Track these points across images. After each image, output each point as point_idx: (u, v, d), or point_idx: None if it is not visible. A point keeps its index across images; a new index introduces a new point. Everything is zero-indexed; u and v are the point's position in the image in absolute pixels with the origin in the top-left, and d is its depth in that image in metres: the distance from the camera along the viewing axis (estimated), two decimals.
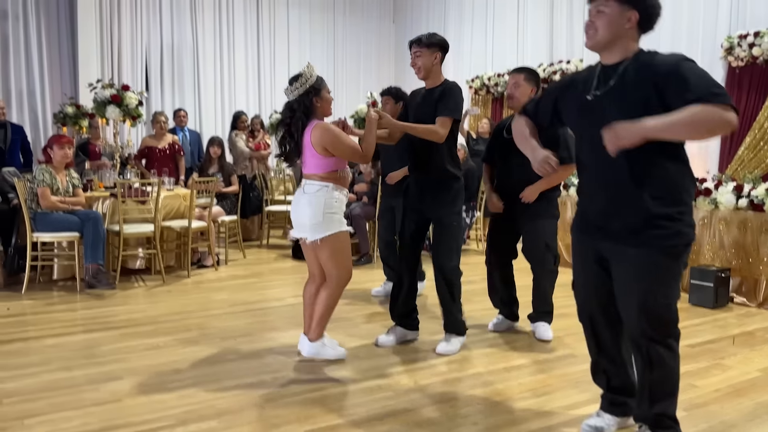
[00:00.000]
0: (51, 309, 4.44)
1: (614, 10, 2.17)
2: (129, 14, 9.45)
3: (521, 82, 3.75)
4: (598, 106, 2.24)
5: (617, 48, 2.22)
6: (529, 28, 9.41)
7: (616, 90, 2.21)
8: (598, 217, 2.32)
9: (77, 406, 2.77)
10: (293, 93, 3.18)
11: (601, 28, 2.20)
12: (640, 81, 2.15)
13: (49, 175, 5.01)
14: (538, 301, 3.96)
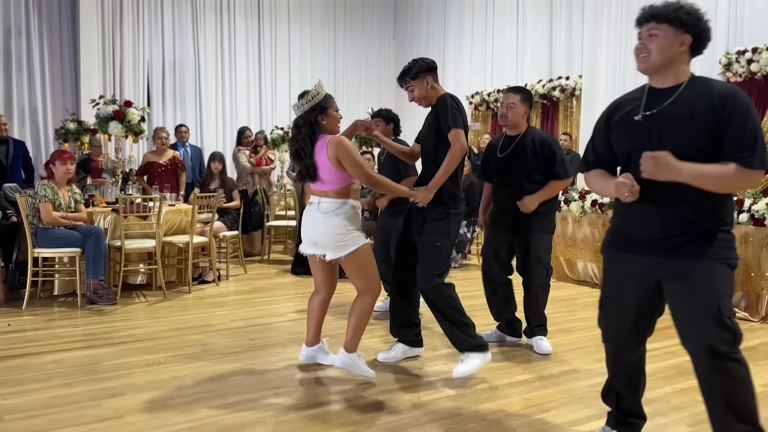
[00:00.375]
0: (52, 325, 4.43)
1: (668, 33, 2.17)
2: (131, 30, 9.53)
3: (517, 102, 3.78)
4: (648, 127, 2.22)
5: (670, 72, 2.21)
6: (528, 45, 9.48)
7: (670, 113, 2.18)
8: (653, 233, 2.23)
9: (79, 422, 2.75)
10: (299, 109, 3.20)
11: (654, 51, 2.19)
12: (697, 108, 2.13)
13: (51, 191, 5.02)
14: (532, 316, 3.98)
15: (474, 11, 10.42)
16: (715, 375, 2.15)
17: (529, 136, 3.83)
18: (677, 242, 2.18)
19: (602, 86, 7.76)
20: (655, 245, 2.22)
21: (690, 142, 2.12)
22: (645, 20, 2.23)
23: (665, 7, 2.19)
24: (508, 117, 3.82)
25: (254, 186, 7.88)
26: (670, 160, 2.07)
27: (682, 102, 2.17)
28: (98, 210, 5.51)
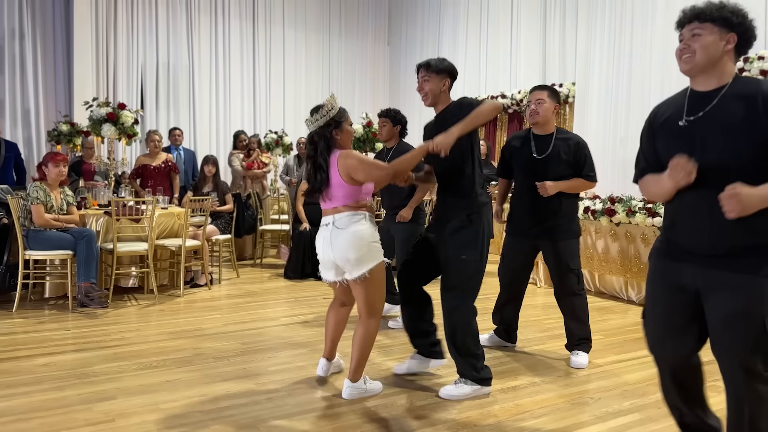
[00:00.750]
0: (42, 328, 4.40)
1: (712, 31, 2.08)
2: (125, 33, 9.50)
3: (545, 98, 3.67)
4: (692, 133, 2.12)
5: (714, 72, 2.11)
6: (522, 52, 9.53)
7: (714, 116, 2.08)
8: (696, 243, 2.14)
9: (69, 426, 2.74)
10: (314, 124, 3.09)
11: (698, 50, 2.09)
12: (743, 110, 2.03)
13: (43, 193, 4.99)
14: (573, 327, 3.83)
15: (468, 18, 10.47)
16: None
17: (564, 137, 3.74)
18: (718, 253, 2.09)
19: (595, 94, 7.80)
20: (700, 254, 2.13)
21: (736, 148, 2.02)
22: (687, 21, 2.14)
23: (708, 6, 2.11)
24: (539, 113, 3.68)
25: (247, 190, 7.86)
26: (747, 192, 1.93)
27: (726, 105, 2.07)
28: (90, 212, 5.48)
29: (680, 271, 2.19)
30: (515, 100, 9.46)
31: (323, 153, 3.06)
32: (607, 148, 7.44)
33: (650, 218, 5.46)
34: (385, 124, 4.62)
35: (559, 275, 3.77)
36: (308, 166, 3.14)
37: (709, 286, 2.11)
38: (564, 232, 3.72)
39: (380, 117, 4.74)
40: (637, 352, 4.07)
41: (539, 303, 5.68)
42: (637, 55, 7.39)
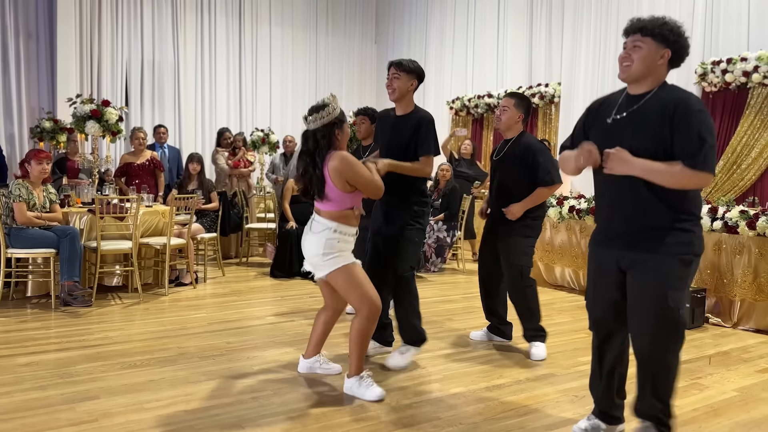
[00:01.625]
0: (24, 327, 4.35)
1: (650, 46, 2.36)
2: (109, 29, 9.41)
3: (510, 107, 3.88)
4: (616, 129, 2.44)
5: (646, 81, 2.41)
6: (509, 52, 9.57)
7: (634, 116, 2.40)
8: (618, 228, 2.48)
9: (52, 426, 2.71)
10: (317, 122, 3.03)
11: (636, 61, 2.38)
12: (656, 112, 2.34)
13: (26, 190, 4.94)
14: (522, 320, 4.02)
15: (455, 18, 10.49)
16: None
17: (519, 141, 3.90)
18: (634, 238, 2.43)
19: (581, 94, 7.85)
20: (618, 238, 2.49)
21: (645, 144, 2.33)
22: (631, 32, 2.41)
23: (651, 22, 2.38)
24: (501, 119, 3.93)
25: (233, 188, 7.82)
26: (623, 157, 2.31)
27: (645, 107, 2.39)
28: (74, 210, 5.43)
29: (609, 253, 2.53)
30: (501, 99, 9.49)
31: (322, 152, 3.03)
32: None
33: None
34: (363, 122, 4.70)
35: (504, 269, 3.98)
36: (303, 162, 3.09)
37: (629, 265, 2.46)
38: (515, 231, 3.90)
39: (358, 115, 4.83)
40: None
41: None
42: None
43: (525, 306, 3.97)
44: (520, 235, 3.92)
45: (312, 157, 3.05)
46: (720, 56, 6.52)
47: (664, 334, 2.40)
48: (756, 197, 5.89)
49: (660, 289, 2.36)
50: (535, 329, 3.98)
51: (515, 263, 3.90)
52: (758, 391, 3.39)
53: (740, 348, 4.28)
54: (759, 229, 4.68)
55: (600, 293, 2.59)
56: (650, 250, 2.38)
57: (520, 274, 3.92)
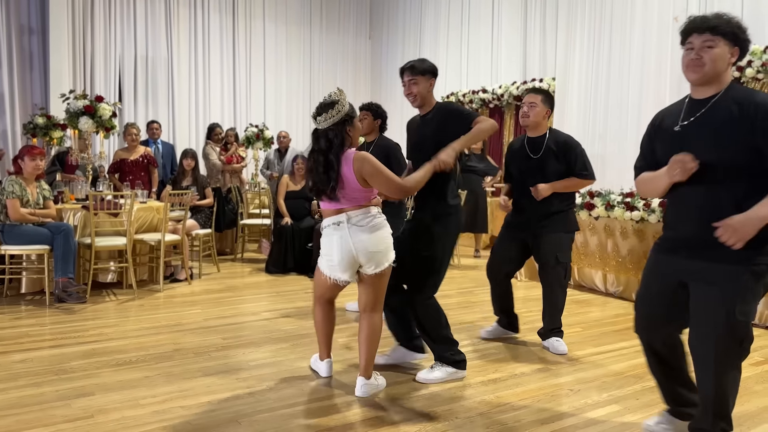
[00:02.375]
0: (19, 323, 4.33)
1: (723, 45, 2.24)
2: (102, 25, 9.36)
3: (538, 102, 3.76)
4: (683, 137, 2.31)
5: (714, 82, 2.28)
6: (503, 47, 9.57)
7: (702, 121, 2.27)
8: (685, 235, 2.37)
9: (47, 423, 2.70)
10: (328, 121, 2.94)
11: (709, 62, 2.24)
12: (736, 118, 2.20)
13: (19, 187, 4.91)
14: (547, 316, 4.00)
15: (450, 12, 10.48)
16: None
17: (552, 137, 3.88)
18: (707, 248, 2.27)
19: (575, 88, 7.86)
20: (689, 248, 2.35)
21: (720, 150, 2.20)
22: (700, 31, 2.27)
23: (721, 20, 2.27)
24: (530, 116, 3.82)
25: (227, 184, 7.80)
26: (741, 220, 2.14)
27: (717, 109, 2.25)
28: (68, 207, 5.40)
29: (671, 261, 2.42)
30: (496, 94, 9.49)
31: (337, 151, 2.93)
32: (586, 143, 7.48)
33: (629, 212, 5.53)
34: (365, 117, 4.58)
35: (545, 267, 3.93)
36: (317, 163, 2.96)
37: (692, 276, 2.34)
38: (555, 227, 3.87)
39: (361, 110, 4.72)
40: (615, 344, 4.12)
41: (520, 296, 5.71)
42: (616, 51, 7.45)
43: (559, 303, 3.97)
44: (567, 231, 3.92)
45: (325, 156, 2.94)
46: None
47: (728, 347, 2.27)
48: None
49: (728, 302, 2.22)
50: (558, 327, 4.00)
51: (562, 260, 3.88)
52: (752, 383, 3.41)
53: None
54: None
55: (655, 299, 2.51)
56: (719, 260, 2.24)
57: (565, 272, 3.92)
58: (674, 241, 2.41)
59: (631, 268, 5.57)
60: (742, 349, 2.30)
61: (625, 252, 5.61)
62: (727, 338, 2.25)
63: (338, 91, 3.03)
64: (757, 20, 6.36)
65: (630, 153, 7.11)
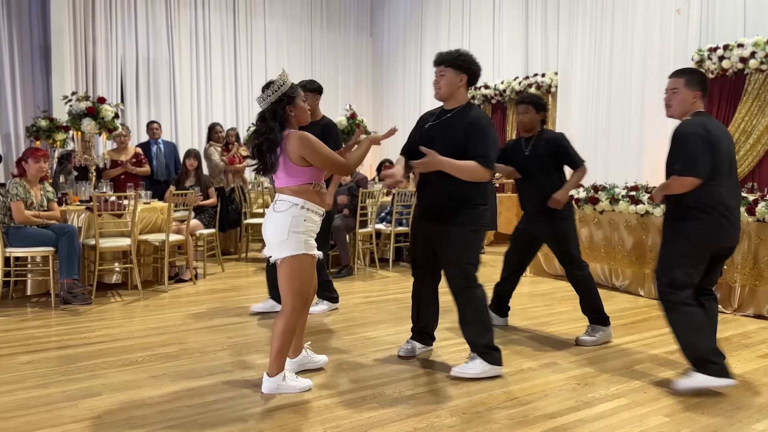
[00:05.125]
0: (25, 325, 4.34)
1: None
2: (104, 26, 9.37)
3: (681, 87, 3.27)
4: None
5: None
6: (505, 42, 9.55)
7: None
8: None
9: (55, 423, 2.70)
10: (265, 101, 2.99)
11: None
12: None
13: (23, 189, 4.92)
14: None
15: (451, 9, 10.45)
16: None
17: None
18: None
19: (578, 83, 7.84)
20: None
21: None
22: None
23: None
24: (672, 105, 3.55)
25: (229, 184, 7.80)
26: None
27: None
28: (72, 208, 5.41)
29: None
30: (498, 90, 9.47)
31: (276, 131, 2.95)
32: (589, 138, 7.49)
33: (633, 206, 5.51)
34: (527, 111, 4.20)
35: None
36: (258, 145, 2.99)
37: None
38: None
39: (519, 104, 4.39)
40: (621, 339, 4.11)
41: (525, 292, 5.71)
42: (618, 45, 7.43)
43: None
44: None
45: (265, 137, 2.96)
46: (717, 43, 6.50)
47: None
48: (755, 183, 5.88)
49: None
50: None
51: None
52: (760, 376, 3.40)
53: (741, 334, 4.28)
54: (758, 215, 4.68)
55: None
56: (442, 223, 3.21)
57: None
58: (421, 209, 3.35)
59: (636, 262, 5.55)
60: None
61: (630, 246, 5.59)
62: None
63: (282, 72, 3.07)
64: (759, 13, 6.33)
65: (633, 147, 7.11)
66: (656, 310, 4.97)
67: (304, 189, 3.01)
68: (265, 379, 3.09)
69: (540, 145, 4.06)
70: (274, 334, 3.03)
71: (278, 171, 3.02)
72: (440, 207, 3.33)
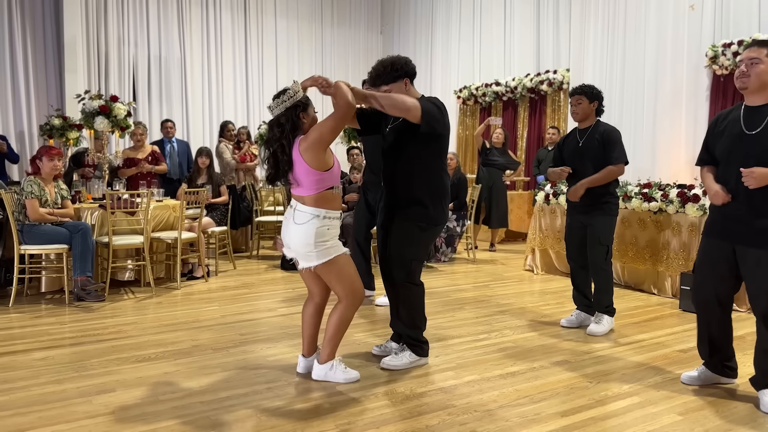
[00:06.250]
0: (39, 322, 4.39)
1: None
2: (116, 26, 9.44)
3: (763, 57, 2.92)
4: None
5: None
6: (516, 38, 9.51)
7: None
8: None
9: (69, 419, 2.73)
10: (279, 107, 3.01)
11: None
12: None
13: (38, 187, 4.96)
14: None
15: (461, 5, 10.42)
16: None
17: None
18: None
19: (590, 79, 7.79)
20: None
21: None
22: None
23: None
24: (750, 75, 3.77)
25: (241, 182, 7.83)
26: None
27: None
28: (85, 206, 5.45)
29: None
30: (509, 87, 9.44)
31: (288, 136, 2.98)
32: None
33: (646, 203, 5.47)
34: (580, 102, 4.17)
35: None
36: (270, 149, 3.03)
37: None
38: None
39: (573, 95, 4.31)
40: (635, 336, 4.09)
41: (536, 289, 5.69)
42: (630, 40, 7.37)
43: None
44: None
45: (279, 143, 2.99)
46: (731, 38, 6.44)
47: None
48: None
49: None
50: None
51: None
52: None
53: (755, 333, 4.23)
54: None
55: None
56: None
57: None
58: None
59: (648, 260, 5.52)
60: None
61: (644, 243, 5.55)
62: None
63: (293, 83, 3.06)
64: None
65: (645, 145, 7.06)
66: (669, 308, 4.94)
67: (325, 195, 3.03)
68: (315, 365, 3.22)
69: (594, 137, 4.09)
70: (330, 323, 3.16)
71: (297, 179, 3.03)
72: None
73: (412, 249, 3.35)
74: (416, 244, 3.35)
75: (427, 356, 3.51)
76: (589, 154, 4.08)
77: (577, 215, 4.21)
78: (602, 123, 4.16)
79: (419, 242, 3.36)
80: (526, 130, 9.44)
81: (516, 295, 5.43)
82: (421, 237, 3.35)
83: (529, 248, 6.65)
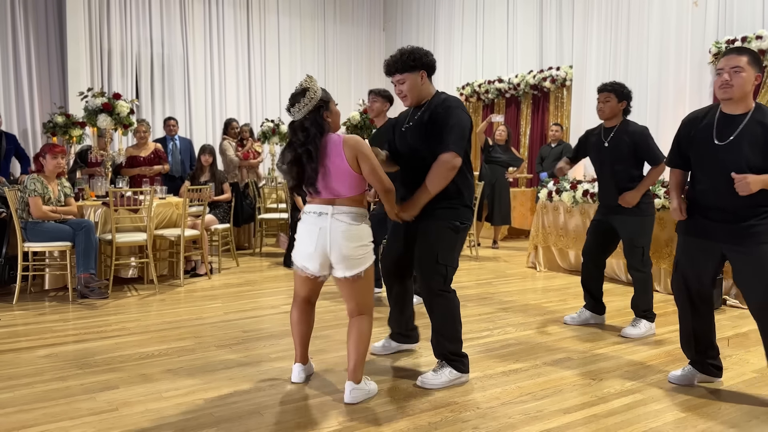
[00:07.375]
0: (43, 319, 4.40)
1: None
2: (118, 23, 9.44)
3: (744, 65, 2.84)
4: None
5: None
6: (519, 35, 9.49)
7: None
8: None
9: (73, 416, 2.74)
10: (302, 110, 2.79)
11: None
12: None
13: (41, 185, 4.97)
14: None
15: (464, 1, 10.40)
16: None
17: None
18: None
19: (593, 76, 7.78)
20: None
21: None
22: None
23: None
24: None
25: (244, 179, 7.84)
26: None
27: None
28: (88, 203, 5.46)
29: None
30: (512, 84, 9.43)
31: (315, 140, 2.78)
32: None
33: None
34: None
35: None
36: (295, 155, 2.82)
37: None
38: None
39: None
40: None
41: (539, 287, 5.69)
42: (634, 37, 7.36)
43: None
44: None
45: (305, 147, 2.78)
46: (735, 35, 6.42)
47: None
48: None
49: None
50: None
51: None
52: None
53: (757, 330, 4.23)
54: None
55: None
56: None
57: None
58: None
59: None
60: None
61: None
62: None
63: (308, 78, 2.85)
64: None
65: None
66: (671, 305, 4.94)
67: (361, 198, 2.89)
68: (350, 387, 2.90)
69: (622, 137, 3.98)
70: (360, 340, 2.89)
71: (334, 182, 2.82)
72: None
73: (446, 253, 3.10)
74: (451, 248, 3.12)
75: (468, 372, 3.21)
76: (615, 154, 3.98)
77: (610, 214, 4.09)
78: (631, 122, 4.05)
79: (454, 245, 3.14)
80: (528, 127, 9.42)
81: (518, 292, 5.43)
82: (456, 239, 3.13)
83: (532, 245, 6.65)
